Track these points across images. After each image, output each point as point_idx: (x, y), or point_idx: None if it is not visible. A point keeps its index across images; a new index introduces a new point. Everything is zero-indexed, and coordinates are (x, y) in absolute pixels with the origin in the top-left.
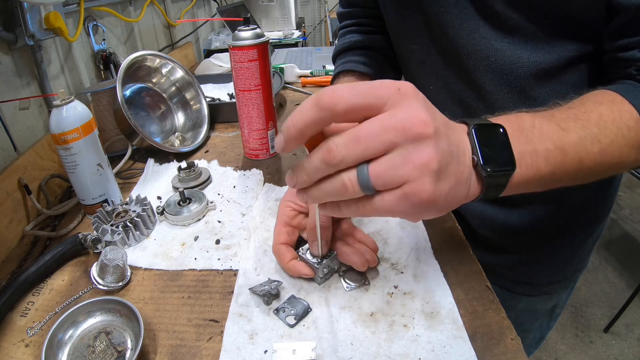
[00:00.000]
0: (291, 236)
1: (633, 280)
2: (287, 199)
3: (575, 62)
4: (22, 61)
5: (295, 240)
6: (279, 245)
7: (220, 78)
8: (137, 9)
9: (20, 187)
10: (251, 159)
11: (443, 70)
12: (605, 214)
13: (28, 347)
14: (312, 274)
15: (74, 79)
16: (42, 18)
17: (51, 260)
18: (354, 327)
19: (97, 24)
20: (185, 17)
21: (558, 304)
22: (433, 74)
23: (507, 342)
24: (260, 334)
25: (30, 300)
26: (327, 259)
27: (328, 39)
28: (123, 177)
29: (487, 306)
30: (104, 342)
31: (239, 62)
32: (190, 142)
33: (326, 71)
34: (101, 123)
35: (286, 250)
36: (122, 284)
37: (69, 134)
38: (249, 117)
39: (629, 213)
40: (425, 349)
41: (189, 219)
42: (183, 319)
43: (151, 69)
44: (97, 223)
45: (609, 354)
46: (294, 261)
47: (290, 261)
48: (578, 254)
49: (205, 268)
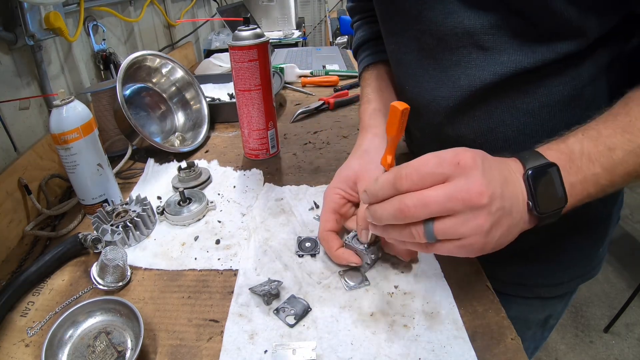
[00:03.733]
0: (338, 224)
1: (633, 280)
2: (337, 185)
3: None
4: (22, 61)
5: (341, 227)
6: (327, 232)
7: (220, 78)
8: (137, 9)
9: (20, 187)
10: (251, 158)
11: (419, 68)
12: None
13: (28, 347)
14: (360, 262)
15: (74, 79)
16: (42, 18)
17: (51, 260)
18: (354, 327)
19: (97, 24)
20: (185, 17)
21: (552, 314)
22: (409, 73)
23: (507, 342)
24: (260, 334)
25: (30, 300)
26: (374, 246)
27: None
28: (123, 177)
29: (487, 306)
30: (104, 342)
31: (239, 62)
32: (190, 142)
33: (326, 71)
34: (101, 123)
35: (334, 238)
36: (122, 284)
37: (69, 134)
38: (249, 117)
39: (629, 213)
40: (426, 349)
41: (189, 219)
42: (183, 319)
43: (151, 69)
44: (97, 223)
45: (609, 354)
46: (342, 249)
47: (339, 249)
48: (574, 259)
49: (205, 268)
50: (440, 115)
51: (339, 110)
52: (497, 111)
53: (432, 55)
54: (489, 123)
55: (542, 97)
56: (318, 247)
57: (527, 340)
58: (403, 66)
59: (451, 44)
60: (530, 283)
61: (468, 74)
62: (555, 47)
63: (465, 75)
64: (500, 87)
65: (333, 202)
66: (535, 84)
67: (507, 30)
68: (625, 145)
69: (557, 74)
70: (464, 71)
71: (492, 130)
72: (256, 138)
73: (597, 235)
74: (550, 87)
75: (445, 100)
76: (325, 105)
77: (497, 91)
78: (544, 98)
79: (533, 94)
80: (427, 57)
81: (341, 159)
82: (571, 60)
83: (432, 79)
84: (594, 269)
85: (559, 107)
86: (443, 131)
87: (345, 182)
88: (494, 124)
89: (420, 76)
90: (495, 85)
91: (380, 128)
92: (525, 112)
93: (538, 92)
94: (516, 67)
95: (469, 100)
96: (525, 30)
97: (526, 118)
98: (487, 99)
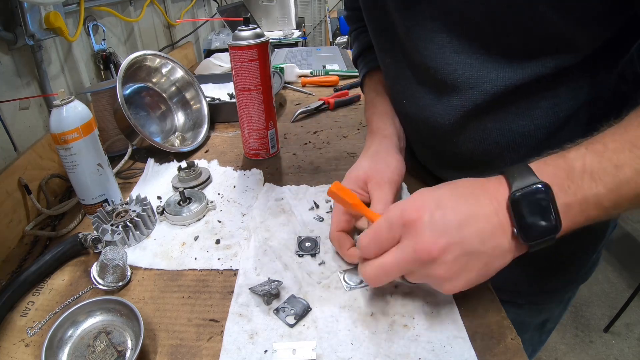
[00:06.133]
0: (349, 224)
1: (633, 280)
2: (347, 186)
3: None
4: (22, 61)
5: (352, 227)
6: (338, 232)
7: (220, 78)
8: (137, 8)
9: (20, 187)
10: (251, 158)
11: (413, 85)
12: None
13: (28, 347)
14: None
15: (74, 78)
16: (42, 18)
17: (51, 260)
18: (354, 326)
19: (97, 24)
20: (185, 17)
21: (550, 319)
22: (405, 89)
23: (507, 342)
24: (260, 333)
25: (30, 300)
26: None
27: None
28: (123, 177)
29: (487, 306)
30: (104, 342)
31: (239, 62)
32: (190, 142)
33: (326, 71)
34: (101, 123)
35: (346, 238)
36: (122, 283)
37: (69, 134)
38: (249, 117)
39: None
40: (426, 349)
41: (189, 219)
42: (183, 318)
43: (151, 68)
44: (97, 223)
45: (609, 354)
46: (354, 248)
47: (351, 248)
48: (569, 266)
49: (205, 268)
50: (438, 132)
51: (339, 110)
52: (492, 133)
53: (423, 75)
54: (485, 144)
55: (538, 119)
56: (318, 247)
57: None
58: (399, 82)
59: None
60: (525, 290)
61: (460, 95)
62: (546, 62)
63: (458, 96)
64: (493, 108)
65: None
66: (530, 106)
67: (497, 48)
68: (634, 162)
69: (551, 94)
70: (456, 91)
71: (488, 152)
72: (256, 138)
73: (593, 243)
74: (545, 108)
75: (442, 118)
76: (325, 105)
77: (491, 112)
78: (539, 120)
79: (529, 116)
80: (420, 76)
81: (341, 158)
82: (564, 77)
83: (427, 97)
84: (588, 272)
85: (555, 128)
86: (442, 147)
87: (356, 182)
88: (489, 145)
89: (416, 92)
90: (488, 104)
91: (389, 130)
92: (520, 134)
93: (533, 114)
94: (506, 84)
95: (463, 120)
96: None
97: (522, 139)
98: (482, 119)
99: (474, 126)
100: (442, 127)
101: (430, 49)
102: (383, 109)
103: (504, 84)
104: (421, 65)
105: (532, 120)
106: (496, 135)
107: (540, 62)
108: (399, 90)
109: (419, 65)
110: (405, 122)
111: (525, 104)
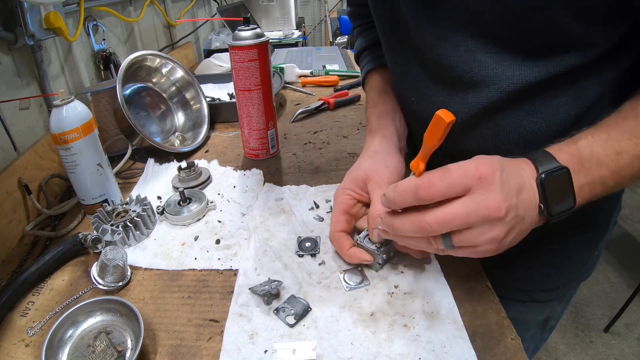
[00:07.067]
0: (349, 224)
1: (633, 280)
2: (347, 187)
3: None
4: (22, 61)
5: (352, 228)
6: (338, 233)
7: (220, 78)
8: (137, 8)
9: (20, 187)
10: (251, 158)
11: (425, 82)
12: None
13: (28, 347)
14: (372, 260)
15: (74, 78)
16: (42, 18)
17: (51, 260)
18: (354, 327)
19: (97, 24)
20: (185, 17)
21: (552, 316)
22: (414, 85)
23: (507, 342)
24: (261, 333)
25: (31, 300)
26: (386, 246)
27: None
28: (123, 177)
29: (487, 306)
30: (104, 342)
31: (239, 62)
32: (190, 142)
33: (326, 71)
34: (101, 123)
35: (345, 238)
36: (122, 283)
37: (69, 134)
38: (249, 117)
39: (629, 213)
40: (426, 349)
41: (189, 219)
42: (183, 318)
43: (151, 68)
44: (97, 223)
45: (609, 354)
46: (354, 248)
47: (351, 249)
48: (571, 264)
49: (205, 268)
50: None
51: (339, 110)
52: (504, 130)
53: (437, 72)
54: (496, 141)
55: (549, 117)
56: (318, 247)
57: (526, 341)
58: (408, 79)
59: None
60: (527, 288)
61: (476, 92)
62: (560, 61)
63: (474, 93)
64: (507, 105)
65: (343, 202)
66: (542, 103)
67: (513, 47)
68: (632, 149)
69: (563, 92)
70: (472, 88)
71: (498, 147)
72: (256, 138)
73: (594, 240)
74: (557, 106)
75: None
76: (325, 105)
77: (505, 109)
78: (550, 117)
79: (540, 114)
80: (432, 73)
81: (341, 158)
82: (576, 75)
83: (440, 94)
84: (589, 269)
85: (565, 126)
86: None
87: (355, 182)
88: (500, 142)
89: (426, 88)
90: (503, 102)
91: (389, 130)
92: (532, 132)
93: (544, 112)
94: (522, 82)
95: (476, 117)
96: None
97: (533, 137)
98: (495, 117)
99: (486, 123)
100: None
101: (444, 47)
102: (383, 108)
103: (520, 82)
104: (434, 63)
105: (543, 118)
106: (507, 133)
107: (556, 60)
108: (407, 87)
109: (431, 62)
110: (411, 119)
111: (539, 102)
